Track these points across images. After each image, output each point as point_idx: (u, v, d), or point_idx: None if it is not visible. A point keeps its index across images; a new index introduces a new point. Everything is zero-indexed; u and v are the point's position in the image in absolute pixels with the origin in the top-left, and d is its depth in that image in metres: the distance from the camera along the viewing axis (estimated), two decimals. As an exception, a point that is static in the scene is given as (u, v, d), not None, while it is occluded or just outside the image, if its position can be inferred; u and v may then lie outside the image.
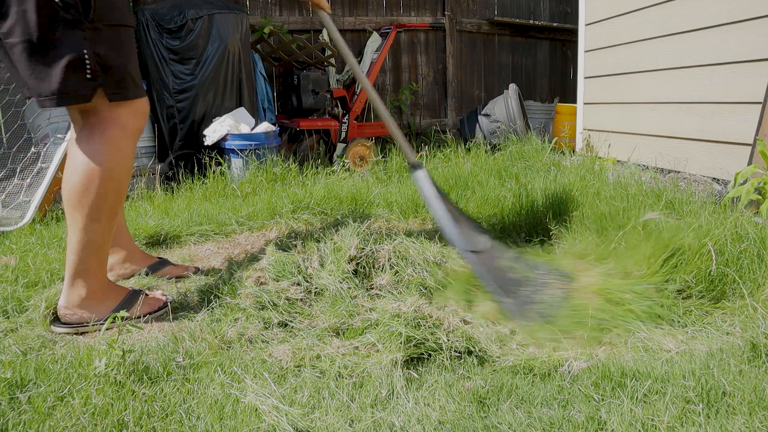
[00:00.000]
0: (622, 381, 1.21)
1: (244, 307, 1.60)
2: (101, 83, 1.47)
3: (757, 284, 1.57)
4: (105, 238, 1.60)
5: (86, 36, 1.41)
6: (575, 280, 1.71)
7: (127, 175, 1.62)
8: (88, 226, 1.54)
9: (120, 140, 1.56)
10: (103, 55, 1.45)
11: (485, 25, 5.92)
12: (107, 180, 1.54)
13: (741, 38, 2.75)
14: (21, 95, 1.72)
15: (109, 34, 1.47)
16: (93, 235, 1.55)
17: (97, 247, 1.59)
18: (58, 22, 1.38)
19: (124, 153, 1.58)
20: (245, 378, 1.26)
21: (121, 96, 1.53)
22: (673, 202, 2.17)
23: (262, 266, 1.79)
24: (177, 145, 3.69)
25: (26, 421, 1.10)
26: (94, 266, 1.59)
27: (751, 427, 1.05)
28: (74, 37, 1.40)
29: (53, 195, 2.77)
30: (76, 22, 1.40)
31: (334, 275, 1.70)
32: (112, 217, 1.60)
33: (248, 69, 3.94)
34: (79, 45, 1.41)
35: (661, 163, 3.29)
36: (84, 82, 1.44)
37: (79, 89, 1.45)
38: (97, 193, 1.53)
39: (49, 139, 3.07)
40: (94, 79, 1.45)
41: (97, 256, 1.59)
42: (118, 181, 1.58)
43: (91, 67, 1.43)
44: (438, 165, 3.41)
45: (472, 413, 1.14)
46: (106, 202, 1.56)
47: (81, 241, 1.55)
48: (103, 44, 1.45)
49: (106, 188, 1.54)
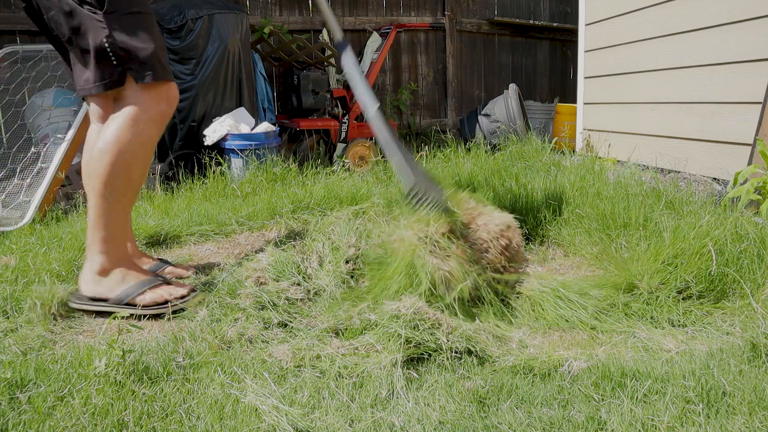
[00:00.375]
0: (622, 381, 1.21)
1: (244, 307, 1.60)
2: (128, 67, 1.57)
3: (757, 284, 1.57)
4: (114, 218, 1.65)
5: (105, 26, 1.52)
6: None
7: (139, 160, 1.64)
8: (96, 202, 1.62)
9: (138, 123, 1.60)
10: (124, 41, 1.55)
11: (485, 25, 5.92)
12: (118, 160, 1.59)
13: (741, 38, 2.75)
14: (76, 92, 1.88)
15: (128, 22, 1.56)
16: (100, 211, 1.62)
17: (105, 225, 1.64)
18: (80, 17, 1.52)
19: (140, 137, 1.61)
20: (245, 378, 1.26)
21: (150, 77, 1.60)
22: (673, 202, 2.17)
23: (262, 266, 1.79)
24: (177, 145, 3.69)
25: (26, 421, 1.10)
26: (104, 243, 1.66)
27: (751, 427, 1.05)
28: (94, 29, 1.53)
29: (53, 195, 2.77)
30: (94, 14, 1.52)
31: (332, 276, 1.71)
32: (120, 198, 1.63)
33: (248, 69, 3.94)
34: (99, 35, 1.53)
35: (661, 163, 3.29)
36: (112, 68, 1.56)
37: (109, 75, 1.57)
38: (105, 170, 1.59)
39: (49, 139, 3.07)
40: (120, 65, 1.56)
41: (106, 233, 1.65)
42: (129, 164, 1.61)
43: (114, 53, 1.55)
44: (438, 165, 3.41)
45: (472, 413, 1.14)
46: (114, 182, 1.60)
47: (91, 216, 1.64)
48: (123, 31, 1.55)
49: (115, 168, 1.59)
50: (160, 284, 1.72)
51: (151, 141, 1.66)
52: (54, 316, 1.63)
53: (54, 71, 3.28)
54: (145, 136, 1.62)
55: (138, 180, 1.67)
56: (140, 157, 1.64)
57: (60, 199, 2.98)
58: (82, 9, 1.51)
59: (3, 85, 3.06)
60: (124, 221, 1.70)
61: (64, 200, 3.01)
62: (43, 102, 3.24)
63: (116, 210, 1.64)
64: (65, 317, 1.67)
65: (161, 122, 1.67)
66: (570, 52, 6.61)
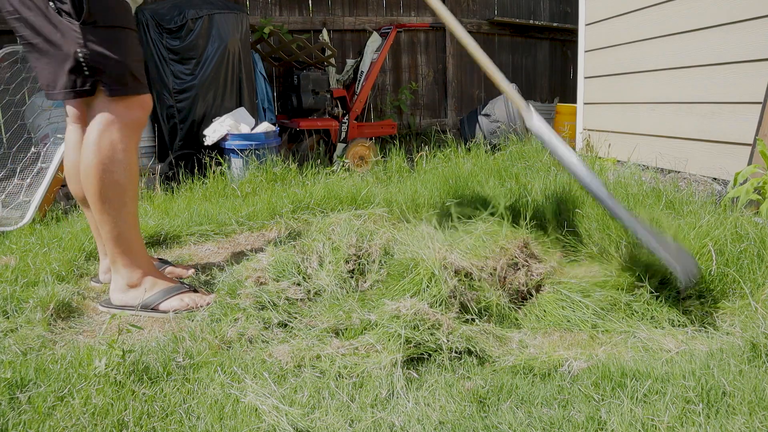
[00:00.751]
0: (622, 381, 1.21)
1: (244, 307, 1.60)
2: (99, 79, 1.58)
3: (757, 284, 1.57)
4: (125, 229, 1.66)
5: (81, 36, 1.53)
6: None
7: (122, 166, 1.64)
8: (102, 218, 1.64)
9: (113, 132, 1.61)
10: (99, 53, 1.55)
11: (485, 25, 5.92)
12: (104, 172, 1.60)
13: (741, 38, 2.75)
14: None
15: (105, 35, 1.56)
16: (109, 226, 1.65)
17: (119, 238, 1.66)
18: (57, 25, 1.52)
19: (117, 144, 1.62)
20: (245, 378, 1.26)
21: (121, 91, 1.61)
22: (673, 202, 2.17)
23: (262, 266, 1.78)
24: (177, 145, 3.69)
25: (26, 421, 1.10)
26: (125, 257, 1.69)
27: (751, 427, 1.05)
28: (70, 38, 1.53)
29: (53, 195, 2.77)
30: (71, 24, 1.52)
31: (332, 276, 1.71)
32: (120, 208, 1.64)
33: (248, 69, 3.94)
34: (74, 45, 1.53)
35: (661, 163, 3.29)
36: (83, 78, 1.57)
37: (80, 84, 1.58)
38: (95, 186, 1.61)
39: (49, 139, 3.08)
40: (92, 75, 1.57)
41: (123, 246, 1.67)
42: (113, 172, 1.61)
43: (87, 64, 1.55)
44: (438, 165, 3.41)
45: (473, 413, 1.14)
46: (107, 194, 1.61)
47: (104, 234, 1.66)
48: (99, 44, 1.55)
49: (104, 181, 1.61)
50: (185, 291, 1.74)
51: (130, 146, 1.66)
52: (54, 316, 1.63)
53: (54, 71, 3.27)
54: (122, 143, 1.63)
55: (129, 185, 1.66)
56: (123, 163, 1.63)
57: (60, 199, 2.98)
58: (60, 17, 1.52)
59: (3, 85, 3.06)
60: (135, 228, 1.71)
61: (64, 200, 3.01)
62: (43, 102, 3.24)
63: (123, 220, 1.65)
64: (65, 317, 1.67)
65: (136, 128, 1.68)
66: (570, 52, 6.61)
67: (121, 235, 1.66)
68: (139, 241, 1.73)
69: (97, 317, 1.70)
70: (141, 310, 1.68)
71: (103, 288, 1.89)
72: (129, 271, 1.69)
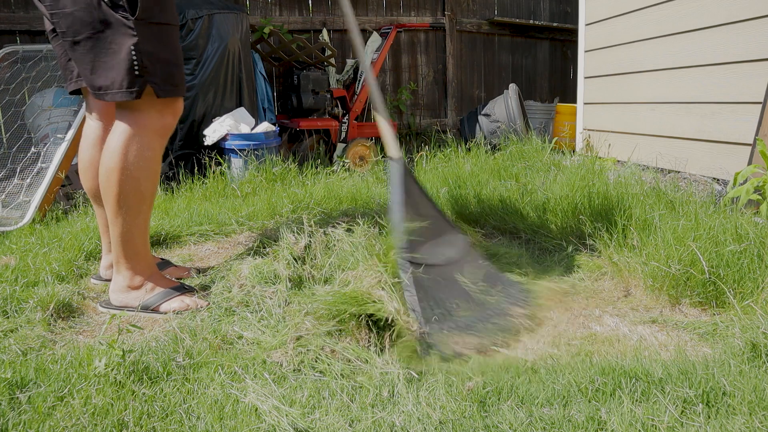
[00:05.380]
0: (622, 381, 1.20)
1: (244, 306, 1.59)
2: (149, 80, 1.52)
3: (757, 284, 1.57)
4: (135, 233, 1.65)
5: (133, 33, 1.47)
6: (535, 304, 1.63)
7: (147, 174, 1.61)
8: (114, 219, 1.61)
9: (142, 138, 1.58)
10: (150, 52, 1.50)
11: (485, 25, 5.92)
12: (128, 179, 1.57)
13: (741, 38, 2.75)
14: (70, 86, 1.79)
15: (156, 32, 1.51)
16: (121, 228, 1.62)
17: (128, 241, 1.64)
18: (108, 21, 1.45)
19: (145, 152, 1.59)
20: (245, 378, 1.26)
21: (171, 92, 1.57)
22: (673, 202, 2.17)
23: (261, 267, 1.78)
24: (177, 145, 3.69)
25: (26, 421, 1.10)
26: (130, 260, 1.67)
27: (751, 427, 1.05)
28: (122, 35, 1.47)
29: (53, 195, 2.77)
30: (124, 20, 1.46)
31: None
32: (136, 215, 1.62)
33: (248, 69, 3.94)
34: (126, 42, 1.47)
35: (661, 163, 3.29)
36: (133, 78, 1.50)
37: (130, 85, 1.50)
38: (116, 189, 1.58)
39: (49, 139, 3.07)
40: (142, 75, 1.50)
41: (130, 248, 1.66)
42: (137, 179, 1.59)
43: (139, 63, 1.49)
44: (438, 165, 3.41)
45: (473, 413, 1.14)
46: (127, 199, 1.59)
47: (113, 233, 1.64)
48: (151, 42, 1.50)
49: (125, 187, 1.58)
50: (186, 293, 1.74)
51: (156, 154, 1.62)
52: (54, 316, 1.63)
53: (54, 71, 3.28)
54: (150, 150, 1.60)
55: (150, 193, 1.65)
56: (148, 171, 1.61)
57: (60, 199, 2.98)
58: (115, 12, 1.45)
59: (3, 85, 3.06)
60: (145, 233, 1.70)
61: (64, 200, 3.01)
62: (43, 102, 3.24)
63: (136, 225, 1.64)
64: (65, 317, 1.67)
65: (165, 135, 1.64)
66: (570, 52, 6.61)
67: (131, 238, 1.65)
68: (146, 245, 1.71)
69: (97, 317, 1.70)
70: (141, 310, 1.68)
71: (103, 287, 1.88)
72: (132, 273, 1.69)
